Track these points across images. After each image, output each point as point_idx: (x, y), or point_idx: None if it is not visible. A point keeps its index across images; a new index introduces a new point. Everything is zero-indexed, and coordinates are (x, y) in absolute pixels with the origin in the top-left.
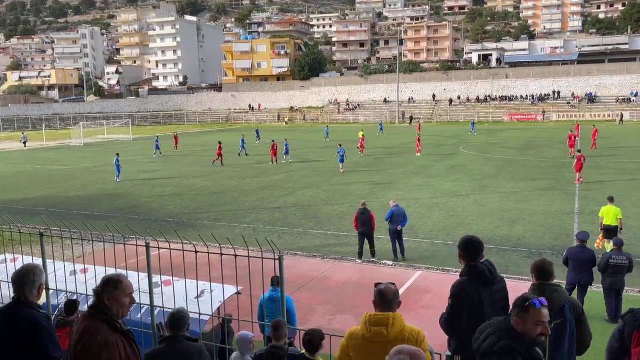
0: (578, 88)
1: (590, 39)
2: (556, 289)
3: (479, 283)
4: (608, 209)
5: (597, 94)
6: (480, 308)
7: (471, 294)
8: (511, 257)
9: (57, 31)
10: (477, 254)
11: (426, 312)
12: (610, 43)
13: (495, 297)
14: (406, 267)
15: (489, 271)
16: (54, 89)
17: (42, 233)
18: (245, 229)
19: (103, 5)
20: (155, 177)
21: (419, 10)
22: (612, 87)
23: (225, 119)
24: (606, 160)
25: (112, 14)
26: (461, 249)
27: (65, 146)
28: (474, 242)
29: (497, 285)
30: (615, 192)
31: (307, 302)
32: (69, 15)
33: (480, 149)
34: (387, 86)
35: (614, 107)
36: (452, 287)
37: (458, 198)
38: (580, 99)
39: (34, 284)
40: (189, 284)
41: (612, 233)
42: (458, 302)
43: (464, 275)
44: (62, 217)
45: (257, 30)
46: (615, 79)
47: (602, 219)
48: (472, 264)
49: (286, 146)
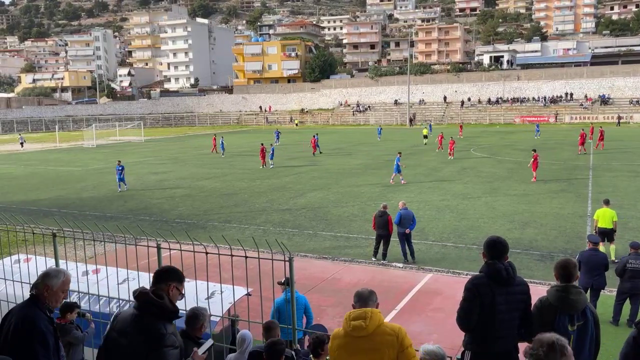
0: (591, 90)
1: (603, 41)
2: (580, 290)
3: (494, 281)
4: (604, 212)
5: (610, 96)
6: (492, 306)
7: (484, 290)
8: (522, 260)
9: (70, 34)
10: (501, 255)
11: (436, 315)
12: (624, 44)
13: (511, 297)
14: (416, 270)
15: (506, 271)
16: (67, 90)
17: (55, 234)
18: (256, 230)
19: (115, 8)
20: (166, 178)
21: (429, 11)
22: (626, 89)
23: (236, 121)
24: (619, 163)
25: (124, 16)
26: (485, 248)
27: (77, 147)
28: (497, 243)
29: (515, 287)
30: (628, 195)
31: (317, 303)
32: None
33: (492, 151)
34: (398, 88)
35: (627, 109)
36: (467, 282)
37: (469, 200)
38: (593, 101)
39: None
40: (199, 285)
41: (607, 236)
42: (470, 296)
43: (482, 272)
44: (75, 217)
45: (268, 32)
46: (629, 81)
47: (597, 222)
48: (491, 261)
49: (272, 150)
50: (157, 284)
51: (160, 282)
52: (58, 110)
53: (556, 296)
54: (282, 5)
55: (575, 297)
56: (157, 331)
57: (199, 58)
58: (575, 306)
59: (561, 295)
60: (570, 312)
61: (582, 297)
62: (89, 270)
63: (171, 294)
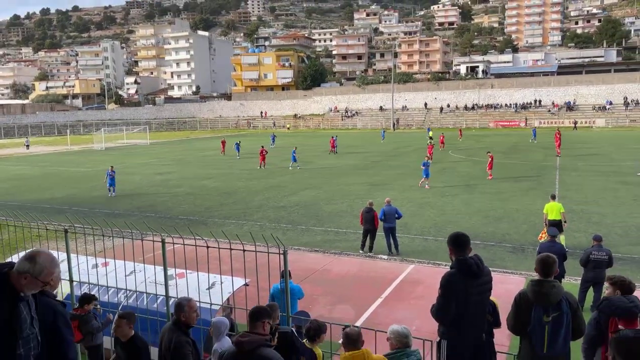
0: (557, 97)
1: (568, 52)
2: (553, 284)
3: (466, 275)
4: (552, 205)
5: (575, 103)
6: (466, 298)
7: (458, 286)
8: (496, 252)
9: (81, 45)
10: (465, 247)
11: (418, 302)
12: (587, 56)
13: (482, 288)
14: (400, 261)
15: (477, 265)
16: (78, 97)
17: (67, 230)
18: (253, 226)
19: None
20: (170, 178)
21: (411, 25)
22: (589, 96)
23: (235, 125)
24: (583, 163)
25: (131, 29)
26: (450, 244)
27: (88, 150)
28: (460, 236)
29: (484, 277)
30: (591, 192)
31: (309, 293)
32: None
33: (469, 153)
34: (383, 95)
35: (591, 115)
36: (442, 278)
37: (447, 198)
38: (559, 107)
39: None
40: (201, 276)
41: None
42: (446, 292)
43: (453, 268)
44: (85, 215)
45: (264, 44)
46: (592, 89)
47: (547, 215)
48: (461, 257)
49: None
50: (253, 322)
51: (255, 320)
52: (69, 115)
53: (531, 290)
54: (276, 19)
55: (548, 290)
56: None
57: (200, 67)
58: (549, 299)
59: (535, 289)
60: (545, 304)
61: (556, 290)
62: (99, 263)
63: (264, 329)
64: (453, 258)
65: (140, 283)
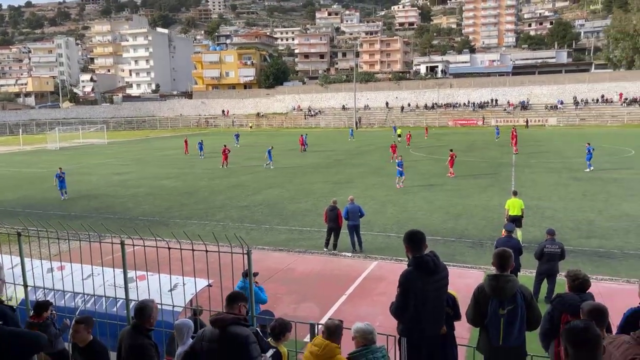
0: (512, 96)
1: (522, 53)
2: (509, 279)
3: (424, 272)
4: (513, 201)
5: (529, 102)
6: (424, 295)
7: (416, 283)
8: (456, 247)
9: (34, 41)
10: (420, 245)
11: (381, 299)
12: (540, 57)
13: (439, 284)
14: (363, 258)
15: (433, 262)
16: (31, 95)
17: (20, 232)
18: (215, 226)
19: (78, 17)
20: (129, 178)
21: (373, 25)
22: (542, 96)
23: (196, 124)
24: (536, 161)
25: (86, 25)
26: (406, 242)
27: (41, 150)
28: (416, 234)
29: (440, 273)
30: (545, 188)
31: (273, 292)
32: (45, 26)
33: (429, 151)
34: (345, 94)
35: (544, 114)
36: (400, 277)
37: (409, 195)
38: (514, 106)
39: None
40: (162, 278)
41: (516, 222)
42: (405, 291)
43: (410, 266)
44: (39, 217)
45: (225, 42)
46: (544, 89)
47: (508, 210)
48: (418, 255)
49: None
50: (230, 305)
51: (232, 302)
52: (22, 114)
53: (488, 284)
54: (238, 17)
55: (503, 284)
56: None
57: (160, 65)
58: (505, 292)
59: (492, 283)
60: (500, 298)
61: (511, 284)
62: (54, 267)
63: (240, 311)
64: (410, 256)
65: (98, 286)
